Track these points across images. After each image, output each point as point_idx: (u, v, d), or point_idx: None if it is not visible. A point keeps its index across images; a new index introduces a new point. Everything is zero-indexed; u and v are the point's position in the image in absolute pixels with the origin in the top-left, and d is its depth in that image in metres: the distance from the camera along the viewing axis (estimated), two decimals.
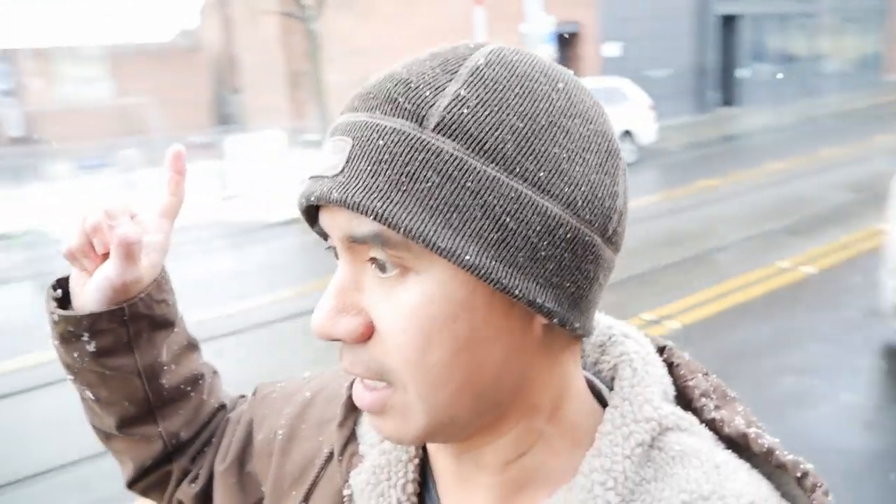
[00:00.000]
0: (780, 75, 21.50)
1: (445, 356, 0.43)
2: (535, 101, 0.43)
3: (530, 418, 0.49)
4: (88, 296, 0.62)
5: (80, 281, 0.63)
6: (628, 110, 12.86)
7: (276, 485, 0.63)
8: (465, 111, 0.41)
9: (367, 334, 0.45)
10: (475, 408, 0.46)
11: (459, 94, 0.42)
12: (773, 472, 0.49)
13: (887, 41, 25.87)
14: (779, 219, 7.63)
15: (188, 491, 0.70)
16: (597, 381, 0.54)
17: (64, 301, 0.65)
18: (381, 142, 0.42)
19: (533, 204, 0.41)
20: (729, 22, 20.22)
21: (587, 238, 0.44)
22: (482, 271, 0.41)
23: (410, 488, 0.54)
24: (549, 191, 0.42)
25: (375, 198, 0.41)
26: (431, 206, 0.41)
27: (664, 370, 0.53)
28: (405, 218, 0.41)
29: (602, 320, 0.56)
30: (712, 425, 0.51)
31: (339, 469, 0.58)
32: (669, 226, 7.96)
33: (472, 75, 0.43)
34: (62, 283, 0.66)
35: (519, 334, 0.45)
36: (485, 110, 0.42)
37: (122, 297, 0.62)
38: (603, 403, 0.52)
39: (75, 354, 0.64)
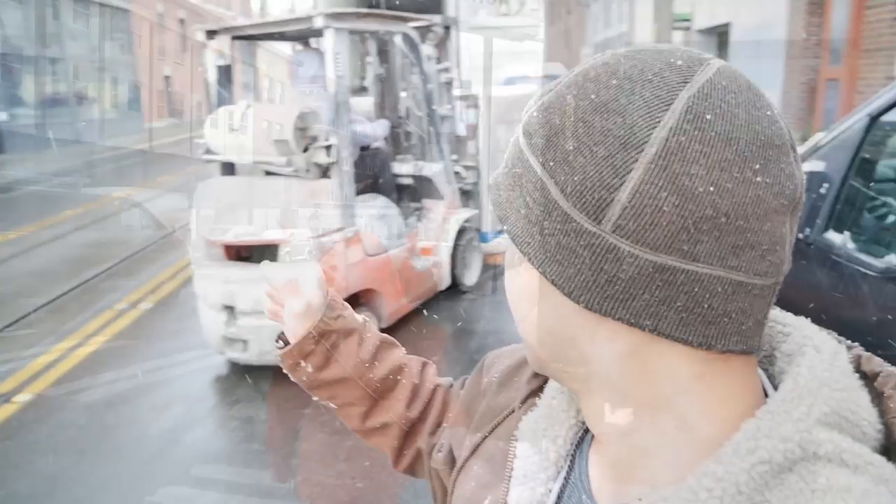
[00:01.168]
0: (42, 120, 20.89)
1: (515, 301, 0.56)
2: (580, 100, 0.49)
3: (612, 394, 0.52)
4: (290, 335, 0.87)
5: (285, 329, 0.89)
6: None
7: (480, 417, 0.73)
8: (536, 114, 0.52)
9: None
10: (546, 351, 0.55)
11: (542, 103, 0.52)
12: None
13: (143, 90, 28.25)
14: (96, 265, 7.47)
15: (438, 459, 0.79)
16: (771, 391, 0.51)
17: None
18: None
19: (543, 187, 0.49)
20: None
21: (574, 223, 0.47)
22: (511, 234, 0.52)
23: (560, 441, 0.61)
24: (554, 177, 0.48)
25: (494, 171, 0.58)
26: (505, 184, 0.54)
27: (854, 394, 0.48)
28: (494, 186, 0.56)
29: (801, 328, 0.54)
30: None
31: (519, 413, 0.66)
32: None
33: (565, 87, 0.51)
34: (282, 337, 0.92)
35: (560, 299, 0.50)
36: (544, 113, 0.51)
37: (309, 326, 0.86)
38: None
39: (303, 378, 0.87)
